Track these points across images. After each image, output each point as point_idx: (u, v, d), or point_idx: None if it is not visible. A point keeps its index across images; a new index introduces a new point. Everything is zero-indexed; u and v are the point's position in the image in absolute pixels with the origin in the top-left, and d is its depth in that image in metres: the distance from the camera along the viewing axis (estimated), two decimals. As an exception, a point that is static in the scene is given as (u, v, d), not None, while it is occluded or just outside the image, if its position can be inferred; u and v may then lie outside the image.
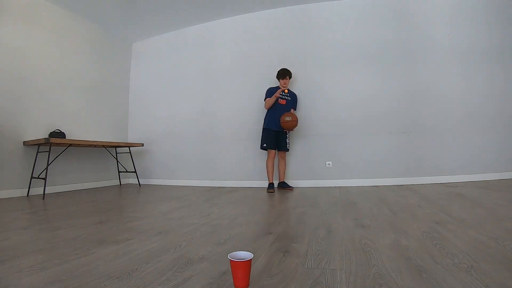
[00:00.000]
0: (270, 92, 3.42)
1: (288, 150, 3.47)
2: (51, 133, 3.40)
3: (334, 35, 3.74)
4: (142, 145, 4.26)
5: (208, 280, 0.91)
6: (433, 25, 3.52)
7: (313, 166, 3.61)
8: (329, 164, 3.57)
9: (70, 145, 3.41)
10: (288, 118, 3.24)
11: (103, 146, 3.96)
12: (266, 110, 3.46)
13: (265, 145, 3.36)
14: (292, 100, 3.50)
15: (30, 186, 3.20)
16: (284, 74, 3.42)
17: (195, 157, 4.19)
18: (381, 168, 3.44)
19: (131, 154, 4.31)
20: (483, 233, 1.31)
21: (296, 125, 3.27)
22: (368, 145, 3.50)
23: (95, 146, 3.89)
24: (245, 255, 0.89)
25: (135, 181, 4.53)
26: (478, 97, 3.38)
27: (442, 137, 3.38)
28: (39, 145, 3.17)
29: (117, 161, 4.37)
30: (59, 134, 3.43)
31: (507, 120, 3.32)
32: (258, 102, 3.86)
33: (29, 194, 3.17)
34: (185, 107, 4.34)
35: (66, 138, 3.57)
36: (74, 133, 3.76)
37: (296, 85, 3.76)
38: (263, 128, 3.45)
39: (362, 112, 3.55)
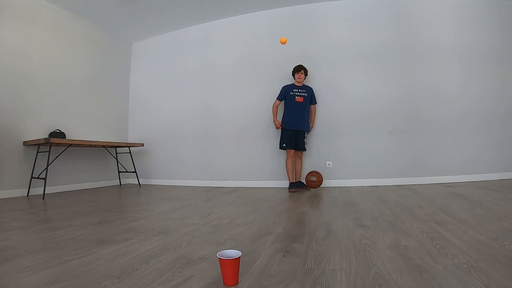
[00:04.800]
0: (285, 90, 3.42)
1: (305, 150, 3.46)
2: (51, 133, 3.40)
3: (334, 35, 3.73)
4: (142, 145, 4.26)
5: (208, 280, 0.91)
6: (433, 25, 3.51)
7: (313, 166, 3.61)
8: (329, 164, 3.57)
9: (70, 145, 3.40)
10: (313, 178, 3.31)
11: (103, 146, 3.96)
12: (282, 109, 3.47)
13: (284, 145, 3.34)
14: (309, 96, 3.45)
15: (30, 186, 3.20)
16: (299, 68, 3.39)
17: (195, 157, 4.19)
18: (381, 168, 3.44)
19: (131, 154, 4.31)
20: (483, 233, 1.31)
21: (319, 186, 3.35)
22: (368, 145, 3.50)
23: (95, 146, 3.88)
24: (234, 253, 0.91)
25: (135, 181, 4.53)
26: (478, 97, 3.37)
27: (442, 137, 3.38)
28: (39, 145, 3.17)
29: (117, 161, 4.37)
30: (59, 134, 3.43)
31: (507, 120, 3.32)
32: (258, 101, 3.86)
33: (29, 194, 3.17)
34: (185, 107, 4.34)
35: (66, 138, 3.57)
36: (74, 133, 3.76)
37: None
38: (281, 128, 3.41)
39: (362, 112, 3.55)
